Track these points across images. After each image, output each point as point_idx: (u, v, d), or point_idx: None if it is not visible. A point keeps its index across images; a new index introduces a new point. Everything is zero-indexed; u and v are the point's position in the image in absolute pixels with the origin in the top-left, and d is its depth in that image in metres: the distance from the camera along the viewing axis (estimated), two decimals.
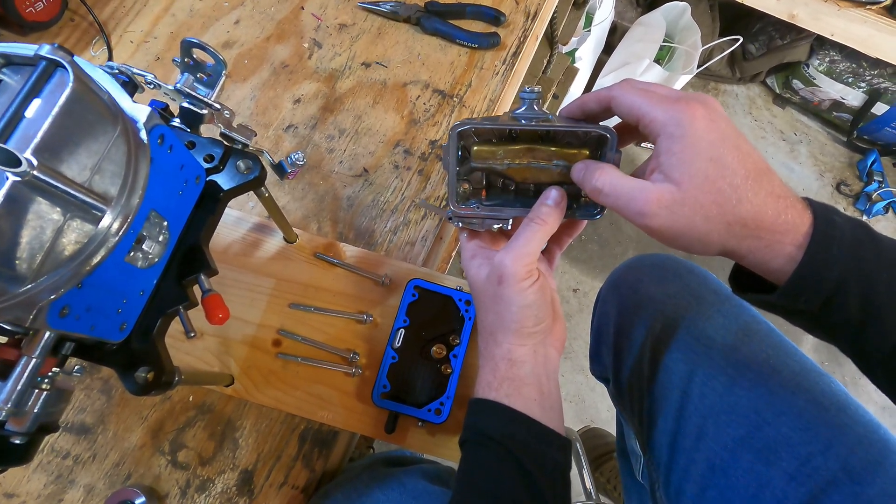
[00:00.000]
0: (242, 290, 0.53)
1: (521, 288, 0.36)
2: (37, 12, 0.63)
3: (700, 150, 0.30)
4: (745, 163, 0.30)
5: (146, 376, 0.33)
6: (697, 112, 0.30)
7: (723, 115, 0.31)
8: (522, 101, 0.37)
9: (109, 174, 0.28)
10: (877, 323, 0.29)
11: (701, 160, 0.30)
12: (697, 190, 0.30)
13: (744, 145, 0.31)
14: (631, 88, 0.33)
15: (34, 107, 0.24)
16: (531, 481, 0.34)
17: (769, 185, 0.30)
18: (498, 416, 0.36)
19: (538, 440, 0.35)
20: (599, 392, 1.25)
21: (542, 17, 0.72)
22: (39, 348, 0.28)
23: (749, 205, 0.29)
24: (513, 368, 0.37)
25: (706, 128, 0.30)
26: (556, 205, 0.37)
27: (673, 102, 0.31)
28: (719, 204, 0.30)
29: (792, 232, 0.30)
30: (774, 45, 1.49)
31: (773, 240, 0.30)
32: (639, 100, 0.32)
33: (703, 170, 0.30)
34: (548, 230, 0.37)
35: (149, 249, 0.33)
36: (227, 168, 0.38)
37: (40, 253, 0.25)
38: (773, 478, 0.40)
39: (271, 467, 0.49)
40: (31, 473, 0.48)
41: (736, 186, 0.29)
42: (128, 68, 0.36)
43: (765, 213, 0.30)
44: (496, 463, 0.35)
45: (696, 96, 0.32)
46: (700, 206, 0.30)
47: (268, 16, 0.70)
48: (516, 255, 0.36)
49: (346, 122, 0.64)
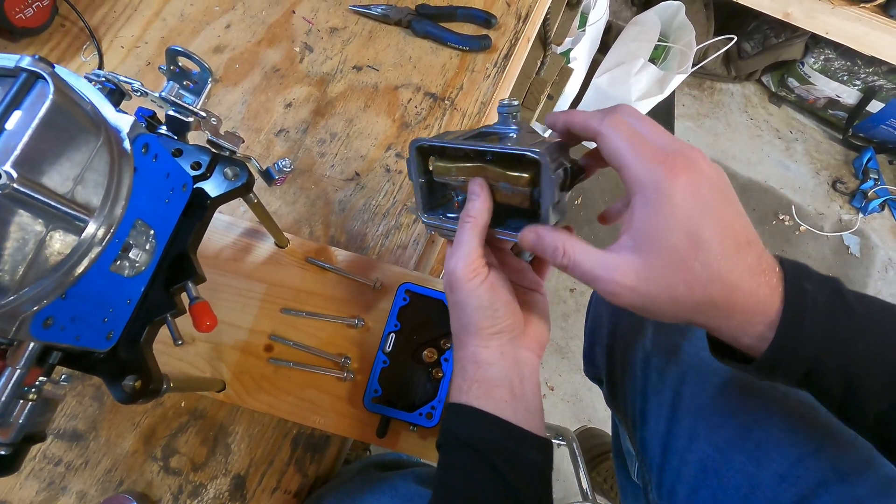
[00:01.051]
0: (234, 296, 0.53)
1: (469, 290, 0.36)
2: (26, 18, 0.63)
3: (675, 224, 0.28)
4: (724, 237, 0.28)
5: (134, 385, 0.33)
6: (680, 178, 0.28)
7: (710, 178, 0.29)
8: (499, 115, 0.37)
9: (92, 184, 0.28)
10: (857, 394, 0.28)
11: (675, 235, 0.28)
12: (666, 269, 0.28)
13: (726, 214, 0.28)
14: (619, 130, 0.30)
15: (14, 119, 0.24)
16: (505, 483, 0.34)
17: (745, 261, 0.28)
18: (470, 419, 0.36)
19: (511, 441, 0.35)
20: (597, 392, 1.25)
21: (534, 18, 0.72)
22: (24, 359, 0.28)
23: (721, 284, 0.28)
24: (479, 370, 0.37)
25: (687, 196, 0.28)
26: (478, 196, 0.36)
27: (657, 161, 0.28)
28: (688, 284, 0.28)
29: (762, 312, 0.28)
30: (769, 43, 1.49)
31: (744, 320, 0.28)
32: (624, 147, 0.30)
33: (676, 246, 0.28)
34: (478, 224, 0.36)
35: (135, 258, 0.33)
36: (214, 175, 0.39)
37: (23, 264, 0.25)
38: (764, 479, 0.40)
39: (264, 472, 0.50)
40: (24, 480, 0.48)
41: (709, 265, 0.27)
42: (114, 76, 0.36)
43: (737, 294, 0.28)
44: (470, 466, 0.35)
45: (684, 153, 0.29)
46: (667, 287, 0.28)
47: (259, 20, 0.70)
48: (456, 258, 0.36)
49: (338, 125, 0.64)
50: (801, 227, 1.51)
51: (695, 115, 1.66)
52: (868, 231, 1.53)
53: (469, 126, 0.65)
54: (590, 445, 1.12)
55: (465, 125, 0.65)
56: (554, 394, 1.27)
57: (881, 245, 1.52)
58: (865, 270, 1.49)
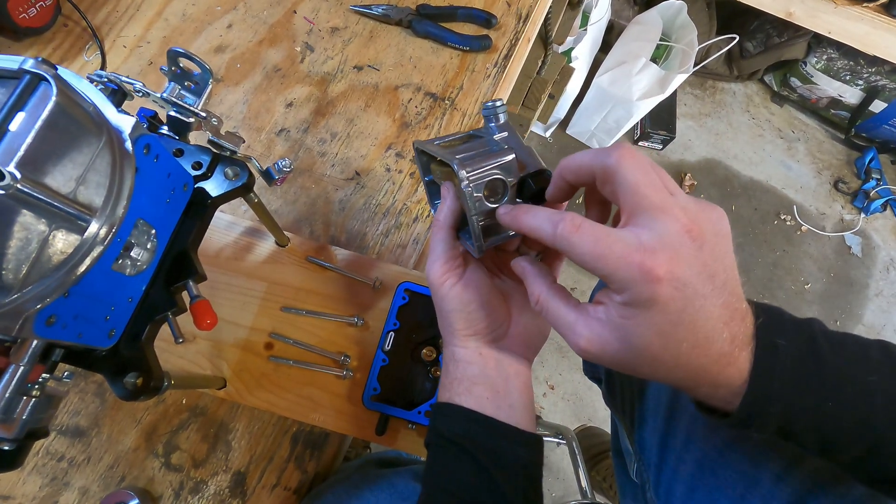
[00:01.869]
0: (234, 294, 0.53)
1: (442, 294, 0.37)
2: (30, 18, 0.63)
3: (652, 325, 0.26)
4: (701, 334, 0.26)
5: (135, 382, 0.33)
6: (664, 284, 0.25)
7: (698, 263, 0.25)
8: (485, 119, 0.37)
9: (94, 184, 0.28)
10: (832, 446, 0.29)
11: (650, 334, 0.26)
12: (632, 355, 0.27)
13: (710, 303, 0.26)
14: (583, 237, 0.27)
15: (18, 120, 0.25)
16: (488, 477, 0.34)
17: (717, 346, 0.26)
18: (454, 416, 0.37)
19: (494, 437, 0.36)
20: (596, 391, 1.25)
21: (535, 18, 0.72)
22: (27, 356, 0.28)
23: (686, 371, 0.27)
24: (459, 369, 0.38)
25: (669, 299, 0.25)
26: (444, 200, 0.37)
27: (634, 263, 0.25)
28: (654, 368, 0.27)
29: (727, 385, 0.28)
30: (772, 42, 1.49)
31: (709, 393, 0.28)
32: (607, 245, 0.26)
33: (649, 343, 0.26)
34: (443, 227, 0.37)
35: (137, 257, 0.34)
36: (215, 175, 0.39)
37: (26, 263, 0.26)
38: (761, 478, 0.40)
39: (264, 469, 0.50)
40: (27, 476, 0.49)
41: (678, 356, 0.26)
42: (116, 76, 0.37)
43: (704, 375, 0.27)
44: (454, 462, 0.35)
45: (669, 244, 0.25)
46: (633, 368, 0.28)
47: (260, 20, 0.70)
48: (429, 262, 0.38)
49: (338, 125, 0.64)
50: (802, 227, 1.51)
51: (697, 115, 1.65)
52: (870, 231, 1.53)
53: (469, 126, 0.65)
54: (589, 444, 1.12)
55: (465, 125, 0.65)
56: (554, 393, 1.27)
57: (883, 245, 1.52)
58: (867, 270, 1.48)
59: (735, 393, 0.28)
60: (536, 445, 0.37)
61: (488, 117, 0.37)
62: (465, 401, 0.37)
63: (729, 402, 0.28)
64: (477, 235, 0.34)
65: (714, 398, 0.29)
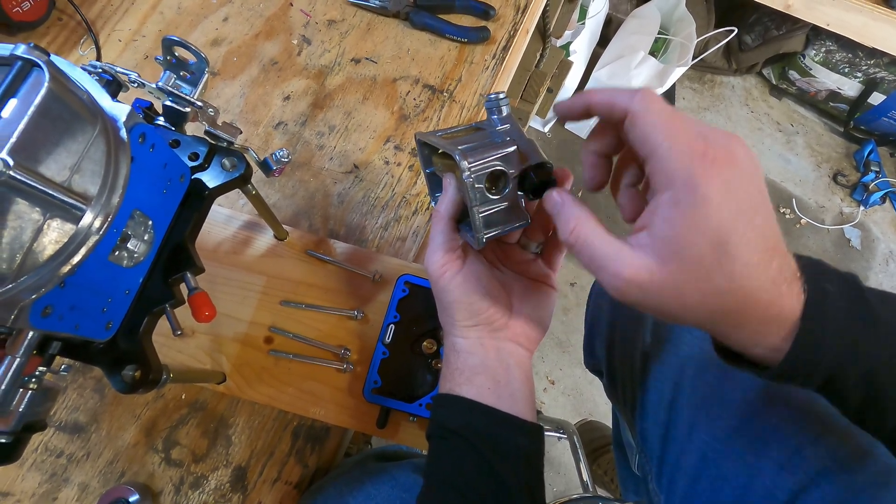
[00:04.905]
0: (233, 288, 0.53)
1: (441, 286, 0.37)
2: (24, 12, 0.62)
3: (704, 232, 0.25)
4: (753, 245, 0.25)
5: (133, 375, 0.33)
6: (718, 177, 0.25)
7: (748, 175, 0.25)
8: (487, 111, 0.37)
9: (89, 173, 0.28)
10: (878, 404, 0.27)
11: (702, 244, 0.25)
12: (684, 276, 0.25)
13: (759, 219, 0.25)
14: (654, 108, 0.27)
15: (10, 107, 0.24)
16: (490, 467, 0.34)
17: (769, 270, 0.25)
18: (455, 407, 0.36)
19: (495, 426, 0.36)
20: (597, 385, 1.25)
21: (533, 10, 0.72)
22: (23, 348, 0.28)
23: (739, 295, 0.25)
24: (460, 359, 0.38)
25: (722, 200, 0.24)
26: (445, 192, 0.37)
27: (695, 151, 0.25)
28: (704, 293, 0.25)
29: (779, 322, 0.26)
30: (770, 35, 1.49)
31: (757, 330, 0.27)
32: (660, 128, 0.26)
33: (701, 255, 0.25)
34: (442, 219, 0.37)
35: (134, 248, 0.33)
36: (212, 166, 0.38)
37: (20, 252, 0.25)
38: (763, 468, 0.40)
39: (264, 463, 0.50)
40: (26, 472, 0.48)
41: (732, 275, 0.25)
42: (111, 67, 0.36)
43: (755, 305, 0.26)
44: (456, 452, 0.35)
45: (725, 145, 0.26)
46: (680, 294, 0.26)
47: (256, 12, 0.69)
48: (428, 254, 0.38)
49: (336, 118, 0.64)
50: (801, 220, 1.51)
51: (695, 109, 1.65)
52: (869, 224, 1.53)
53: (468, 118, 0.65)
54: (590, 438, 1.12)
55: (463, 117, 0.65)
56: (555, 387, 1.27)
57: (882, 238, 1.52)
58: (866, 263, 1.48)
59: (783, 336, 0.26)
60: (537, 435, 0.37)
61: (490, 109, 0.37)
62: (466, 391, 0.37)
63: (775, 347, 0.27)
64: (478, 227, 0.34)
65: (759, 341, 0.27)
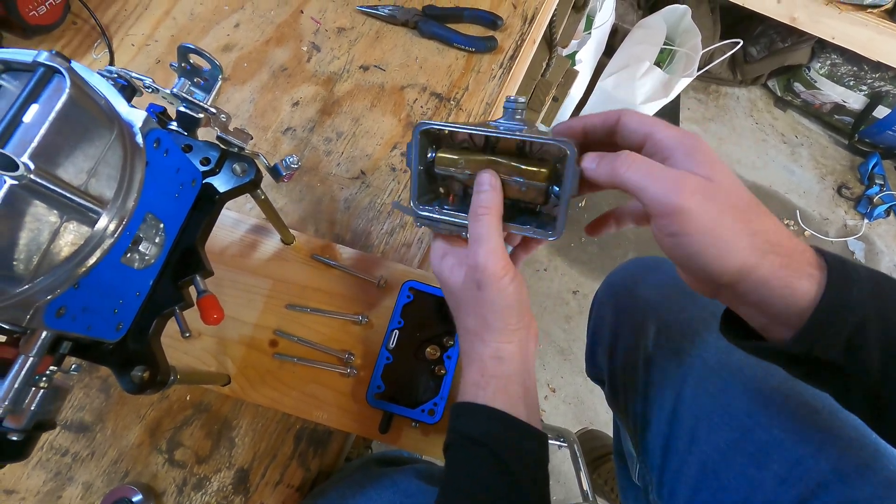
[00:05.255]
0: (240, 291, 0.53)
1: (501, 287, 0.35)
2: (40, 16, 0.63)
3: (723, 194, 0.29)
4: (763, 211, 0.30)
5: (142, 375, 0.34)
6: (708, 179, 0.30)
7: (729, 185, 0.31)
8: (505, 111, 0.36)
9: (105, 177, 0.28)
10: None
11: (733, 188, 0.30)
12: (727, 182, 0.30)
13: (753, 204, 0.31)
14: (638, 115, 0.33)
15: (32, 112, 0.25)
16: (513, 480, 0.34)
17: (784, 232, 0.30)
18: (480, 416, 0.36)
19: (521, 437, 0.35)
20: (598, 394, 1.25)
21: (540, 20, 0.73)
22: (36, 347, 0.28)
23: (765, 238, 0.29)
24: (501, 366, 0.37)
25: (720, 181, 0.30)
26: (492, 187, 0.36)
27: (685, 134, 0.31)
28: (742, 210, 0.29)
29: (808, 263, 0.29)
30: (775, 47, 1.49)
31: (793, 259, 0.29)
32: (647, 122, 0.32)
33: (726, 175, 0.30)
34: (495, 214, 0.35)
35: (145, 251, 0.34)
36: (223, 171, 0.39)
37: (37, 254, 0.26)
38: (764, 480, 0.40)
39: (267, 466, 0.50)
40: (31, 470, 0.49)
41: (759, 213, 0.30)
42: (126, 72, 0.37)
43: (782, 239, 0.29)
44: (479, 462, 0.34)
45: None
46: (729, 198, 0.29)
47: (267, 19, 0.71)
48: (485, 253, 0.35)
49: (344, 124, 0.65)
50: (805, 232, 1.51)
51: (700, 119, 1.65)
52: (873, 237, 1.52)
53: None
54: (591, 447, 1.11)
55: None
56: (556, 396, 1.27)
57: (886, 251, 1.51)
58: None
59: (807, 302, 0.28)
60: (546, 442, 0.37)
61: (511, 111, 0.36)
62: (499, 399, 0.36)
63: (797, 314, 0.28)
64: (562, 220, 0.34)
65: (796, 285, 0.28)
